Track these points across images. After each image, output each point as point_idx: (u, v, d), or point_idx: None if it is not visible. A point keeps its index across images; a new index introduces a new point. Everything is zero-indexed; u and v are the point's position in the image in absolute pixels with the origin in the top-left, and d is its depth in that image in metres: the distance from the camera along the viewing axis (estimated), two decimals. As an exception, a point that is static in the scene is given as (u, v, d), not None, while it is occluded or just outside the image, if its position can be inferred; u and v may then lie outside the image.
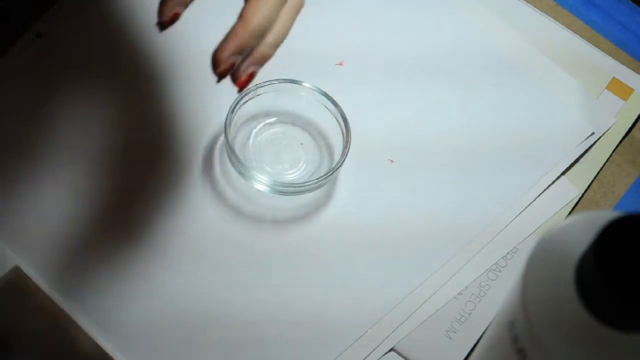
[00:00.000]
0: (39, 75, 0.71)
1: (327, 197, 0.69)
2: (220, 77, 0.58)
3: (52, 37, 0.72)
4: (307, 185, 0.67)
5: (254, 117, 0.70)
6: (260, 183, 0.67)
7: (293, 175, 0.69)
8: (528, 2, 0.77)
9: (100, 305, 0.65)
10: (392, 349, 0.66)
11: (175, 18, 0.58)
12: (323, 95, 0.70)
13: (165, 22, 0.58)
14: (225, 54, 0.57)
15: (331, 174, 0.67)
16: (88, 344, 0.64)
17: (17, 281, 0.65)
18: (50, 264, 0.65)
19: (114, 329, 0.64)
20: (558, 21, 0.77)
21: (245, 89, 0.68)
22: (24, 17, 0.73)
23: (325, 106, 0.70)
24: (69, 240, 0.66)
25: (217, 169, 0.69)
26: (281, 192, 0.67)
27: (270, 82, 0.69)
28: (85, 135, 0.69)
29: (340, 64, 0.72)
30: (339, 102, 0.69)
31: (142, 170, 0.68)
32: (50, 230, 0.66)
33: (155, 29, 0.73)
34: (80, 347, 0.64)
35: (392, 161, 0.71)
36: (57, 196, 0.67)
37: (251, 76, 0.58)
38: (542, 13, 0.77)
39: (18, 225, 0.66)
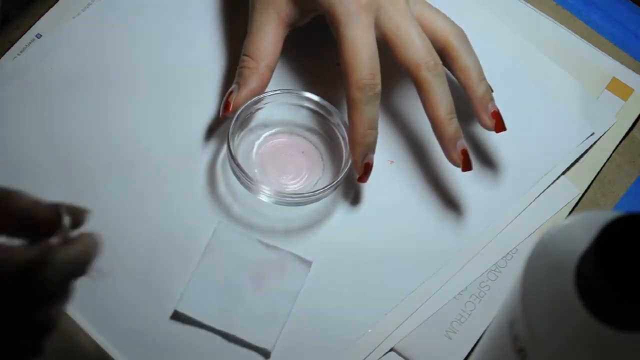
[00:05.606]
0: (39, 75, 0.71)
1: (332, 203, 0.69)
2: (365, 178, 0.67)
3: (52, 37, 0.72)
4: (312, 195, 0.66)
5: (256, 129, 0.70)
6: (265, 195, 0.66)
7: (297, 185, 0.69)
8: (528, 2, 0.77)
9: (100, 306, 0.65)
10: (392, 349, 0.66)
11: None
12: (323, 103, 0.69)
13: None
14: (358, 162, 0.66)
15: (336, 183, 0.67)
16: (88, 343, 0.64)
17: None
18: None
19: (114, 328, 0.64)
20: (558, 21, 0.77)
21: (246, 102, 0.67)
22: (24, 17, 0.73)
23: (326, 115, 0.70)
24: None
25: (222, 184, 0.68)
26: (286, 203, 0.67)
27: (272, 92, 0.69)
28: (85, 137, 0.69)
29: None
30: (339, 109, 0.69)
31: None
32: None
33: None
34: (79, 346, 0.64)
35: (392, 162, 0.71)
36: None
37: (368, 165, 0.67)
38: (542, 13, 0.77)
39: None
